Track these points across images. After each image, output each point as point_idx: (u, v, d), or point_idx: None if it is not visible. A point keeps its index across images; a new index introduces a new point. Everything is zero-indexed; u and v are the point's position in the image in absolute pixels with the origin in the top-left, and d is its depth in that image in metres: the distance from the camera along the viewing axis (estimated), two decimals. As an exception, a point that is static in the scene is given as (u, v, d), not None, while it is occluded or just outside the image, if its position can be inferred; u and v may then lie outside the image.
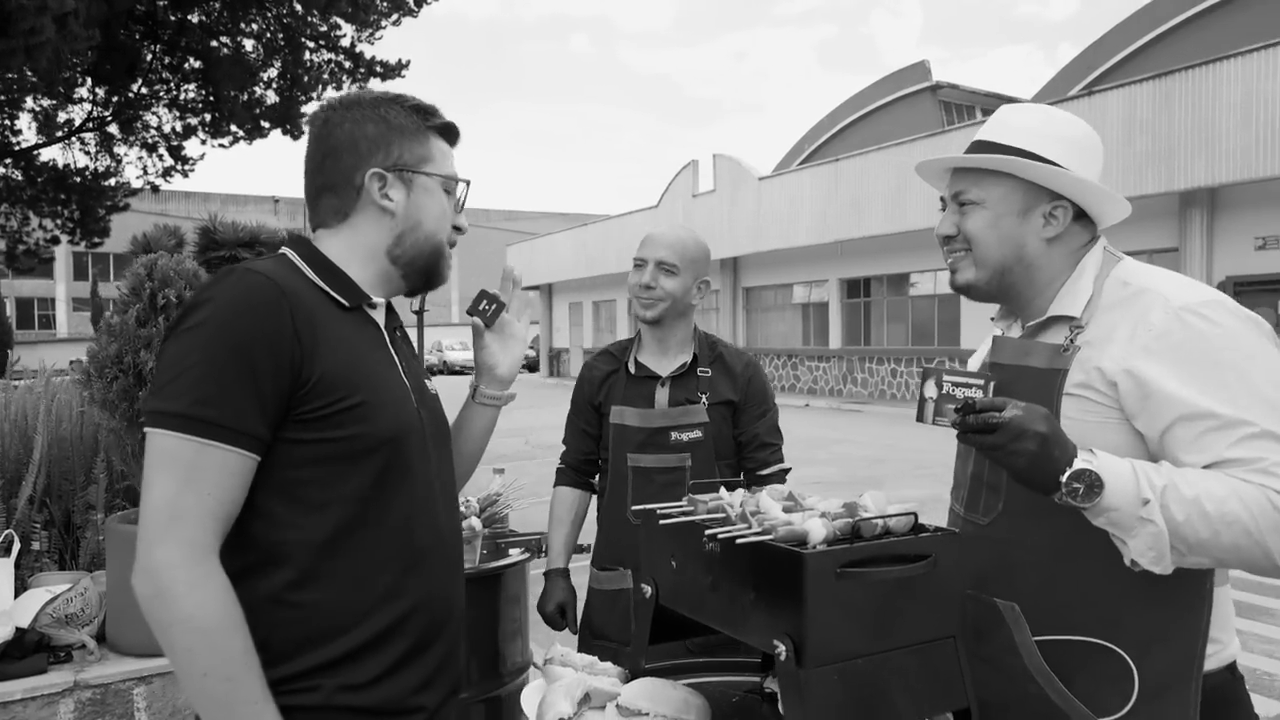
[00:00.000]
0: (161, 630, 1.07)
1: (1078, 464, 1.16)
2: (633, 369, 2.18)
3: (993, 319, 1.55)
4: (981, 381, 1.22)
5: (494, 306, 1.45)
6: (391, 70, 12.57)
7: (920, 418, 1.28)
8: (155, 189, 13.65)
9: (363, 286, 1.27)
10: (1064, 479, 1.16)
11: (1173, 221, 13.78)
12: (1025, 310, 1.44)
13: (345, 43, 12.48)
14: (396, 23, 12.23)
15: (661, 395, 2.13)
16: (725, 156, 22.53)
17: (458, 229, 1.36)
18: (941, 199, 1.49)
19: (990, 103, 24.24)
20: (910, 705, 1.10)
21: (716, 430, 2.10)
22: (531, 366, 35.49)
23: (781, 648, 1.01)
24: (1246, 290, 12.99)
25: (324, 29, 12.26)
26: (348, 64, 12.48)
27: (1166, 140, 13.08)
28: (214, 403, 1.08)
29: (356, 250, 1.27)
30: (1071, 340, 1.32)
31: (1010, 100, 23.70)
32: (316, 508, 1.15)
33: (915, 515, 1.16)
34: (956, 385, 1.23)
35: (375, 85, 12.70)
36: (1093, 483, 1.15)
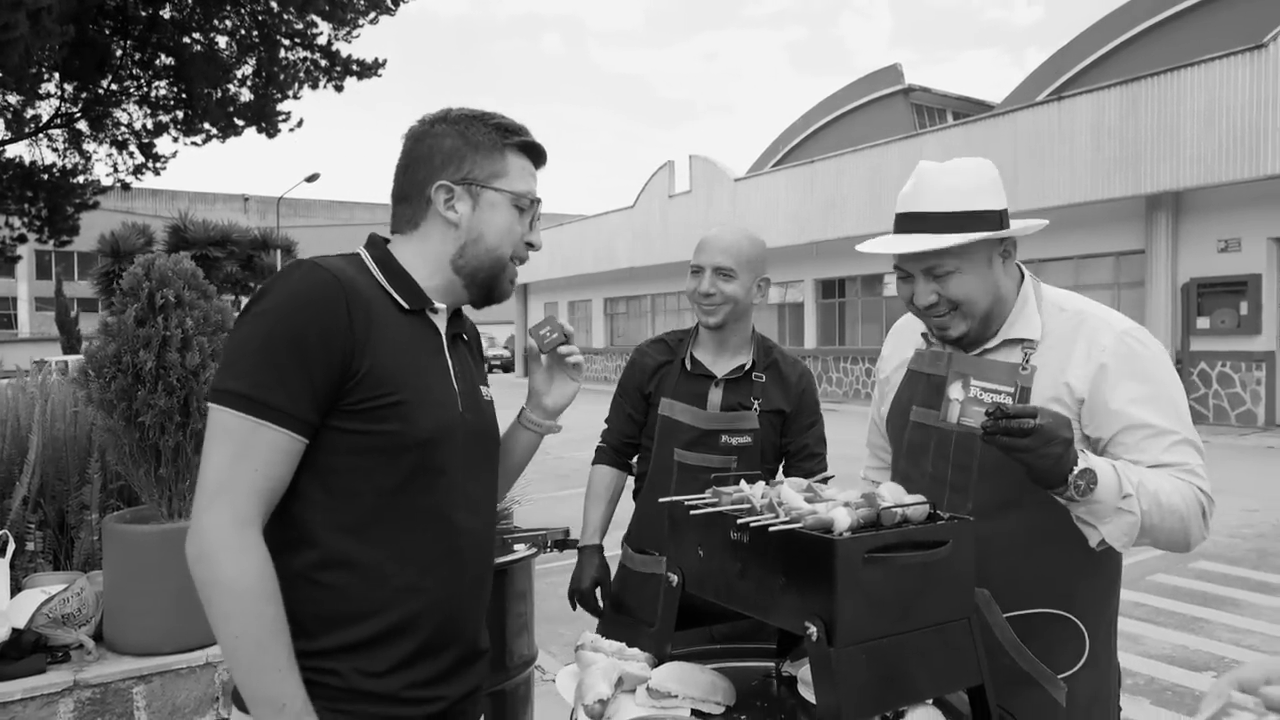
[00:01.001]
0: (203, 589, 1.14)
1: (1080, 464, 1.32)
2: (689, 365, 2.18)
3: (923, 334, 1.65)
4: (1011, 389, 1.32)
5: (555, 335, 1.46)
6: (368, 69, 12.49)
7: (944, 418, 1.35)
8: (126, 187, 13.46)
9: (429, 293, 1.31)
10: (1071, 477, 1.31)
11: (1139, 224, 14.09)
12: (980, 333, 1.56)
13: (321, 41, 12.37)
14: (374, 21, 12.16)
15: (715, 396, 2.14)
16: (701, 158, 22.64)
17: (530, 245, 1.37)
18: (900, 269, 1.55)
19: (961, 106, 24.57)
20: (929, 682, 1.17)
21: (764, 436, 2.13)
22: (506, 367, 35.37)
23: (813, 629, 1.07)
24: (1209, 291, 13.34)
25: (300, 26, 12.14)
26: (324, 62, 12.39)
27: (1133, 145, 13.38)
28: (270, 387, 1.15)
29: (424, 258, 1.32)
30: (1027, 359, 1.49)
31: (980, 104, 24.08)
32: (350, 495, 1.21)
33: (931, 505, 1.23)
34: (985, 390, 1.32)
35: (351, 84, 12.63)
36: (1091, 480, 1.33)
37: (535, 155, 1.38)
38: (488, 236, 1.32)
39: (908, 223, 1.52)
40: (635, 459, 2.30)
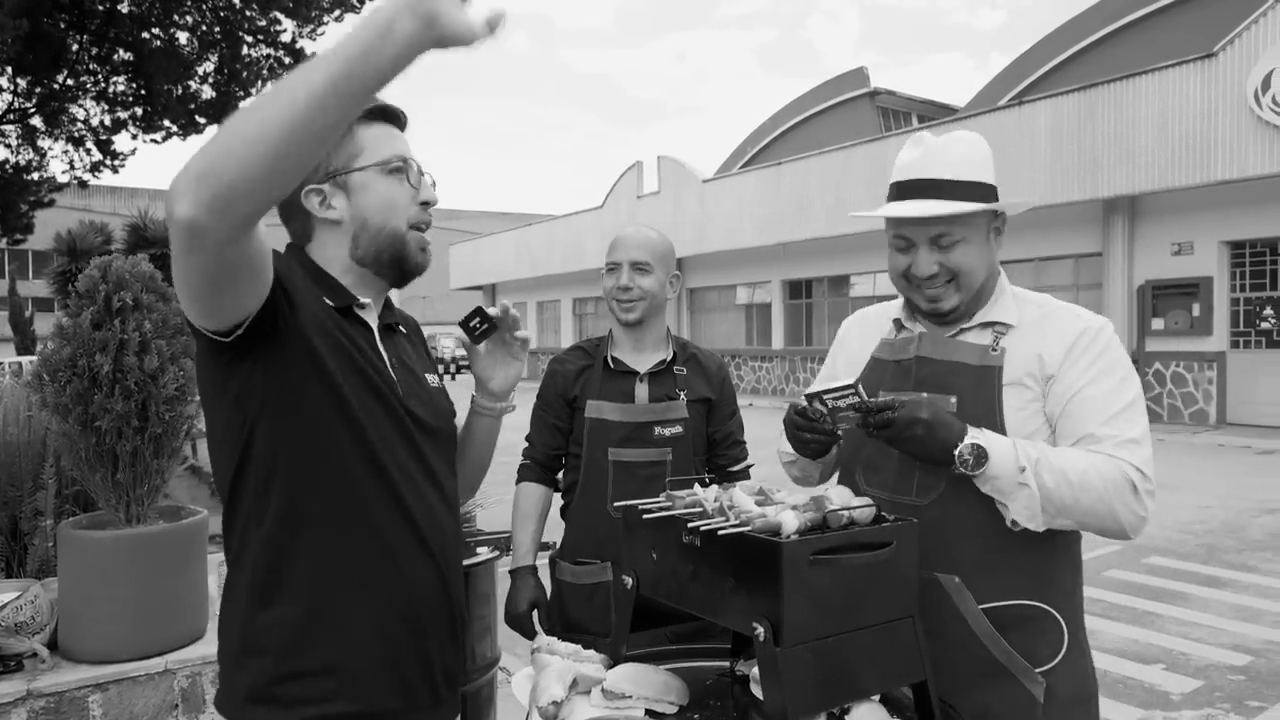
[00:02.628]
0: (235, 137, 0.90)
1: (966, 440, 1.39)
2: (610, 364, 2.19)
3: (896, 319, 1.69)
4: (853, 387, 1.42)
5: (485, 326, 1.45)
6: (333, 67, 12.34)
7: (838, 428, 1.49)
8: (83, 184, 13.16)
9: (351, 291, 1.32)
10: (955, 452, 1.39)
11: (1097, 228, 14.41)
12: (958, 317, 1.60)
13: (285, 38, 12.21)
14: (339, 18, 12.02)
15: (641, 391, 2.16)
16: (670, 158, 22.70)
17: (425, 204, 1.33)
18: (901, 238, 1.56)
19: (926, 110, 24.92)
20: (874, 679, 1.20)
21: (694, 426, 2.16)
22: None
23: (760, 629, 1.10)
24: (1163, 293, 13.67)
25: (263, 23, 11.98)
26: (288, 60, 12.22)
27: (1091, 150, 13.67)
28: None
29: (330, 263, 1.32)
30: (996, 342, 1.53)
31: (945, 108, 24.41)
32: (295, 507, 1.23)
33: (876, 507, 1.27)
34: (839, 398, 1.44)
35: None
36: (979, 455, 1.39)
37: (389, 118, 1.33)
38: (373, 217, 1.29)
39: (917, 189, 1.52)
40: (561, 473, 2.28)
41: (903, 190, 1.56)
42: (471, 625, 2.36)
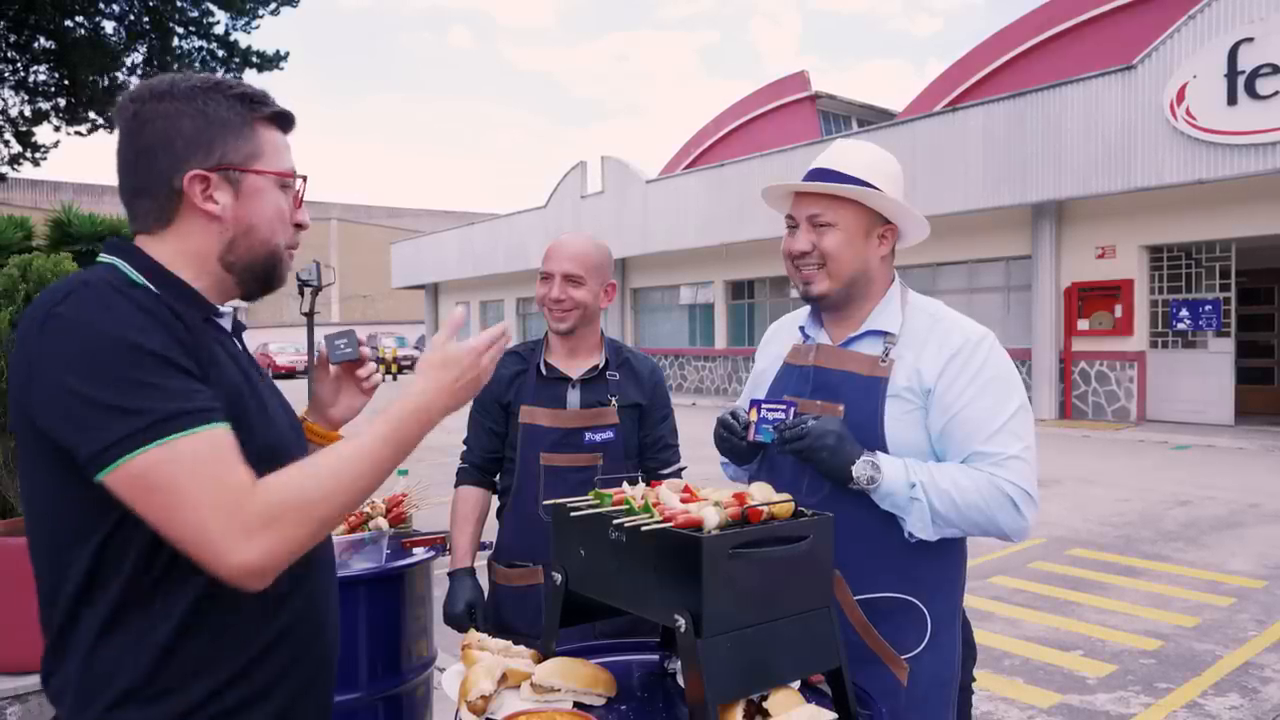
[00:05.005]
0: (294, 526, 1.02)
1: (863, 458, 1.53)
2: (543, 370, 2.22)
3: (801, 326, 1.81)
4: (784, 405, 1.60)
5: (350, 350, 1.38)
6: (269, 61, 12.08)
7: (754, 437, 1.63)
8: (1, 178, 12.63)
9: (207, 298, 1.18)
10: (853, 469, 1.52)
11: (1026, 231, 14.91)
12: (846, 320, 1.73)
13: (219, 30, 11.90)
14: (275, 12, 11.77)
15: (573, 397, 2.19)
16: (614, 159, 22.74)
17: (299, 226, 1.24)
18: (789, 218, 1.73)
19: (865, 114, 25.42)
20: (791, 667, 1.26)
21: (626, 431, 2.19)
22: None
23: (682, 621, 1.15)
24: (1089, 295, 14.23)
25: (195, 15, 11.65)
26: (221, 53, 11.91)
27: (1020, 156, 14.15)
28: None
29: (186, 258, 1.16)
30: (886, 353, 1.65)
31: (883, 112, 24.94)
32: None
33: (794, 502, 1.33)
34: (770, 410, 1.60)
35: (251, 77, 12.20)
36: (875, 471, 1.54)
37: (285, 124, 1.23)
38: (259, 227, 1.18)
39: (813, 176, 1.69)
40: (499, 476, 2.30)
41: (808, 176, 1.70)
42: (405, 627, 2.36)
